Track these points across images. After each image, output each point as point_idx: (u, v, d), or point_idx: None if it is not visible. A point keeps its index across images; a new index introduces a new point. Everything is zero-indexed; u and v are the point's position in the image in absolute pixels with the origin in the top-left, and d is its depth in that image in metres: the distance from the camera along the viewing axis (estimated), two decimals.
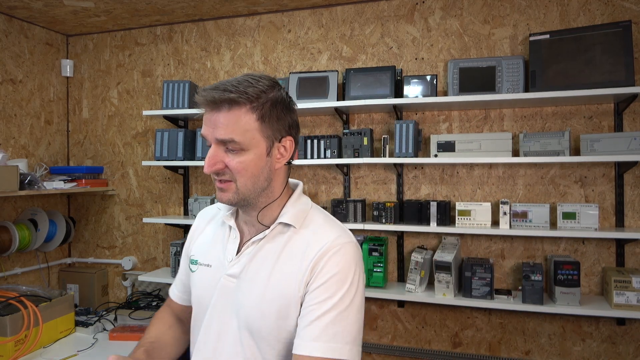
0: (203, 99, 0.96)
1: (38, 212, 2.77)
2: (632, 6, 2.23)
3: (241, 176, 0.97)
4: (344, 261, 0.97)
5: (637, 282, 2.01)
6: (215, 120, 0.96)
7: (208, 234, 1.16)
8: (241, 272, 1.03)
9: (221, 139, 0.95)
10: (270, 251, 1.02)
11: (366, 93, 2.45)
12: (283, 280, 0.99)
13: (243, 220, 1.09)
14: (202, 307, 1.08)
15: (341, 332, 0.93)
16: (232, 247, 1.07)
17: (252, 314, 0.99)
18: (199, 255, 1.14)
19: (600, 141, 2.12)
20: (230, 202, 1.00)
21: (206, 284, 1.08)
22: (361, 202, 2.47)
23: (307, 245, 1.00)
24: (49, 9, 2.71)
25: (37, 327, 2.12)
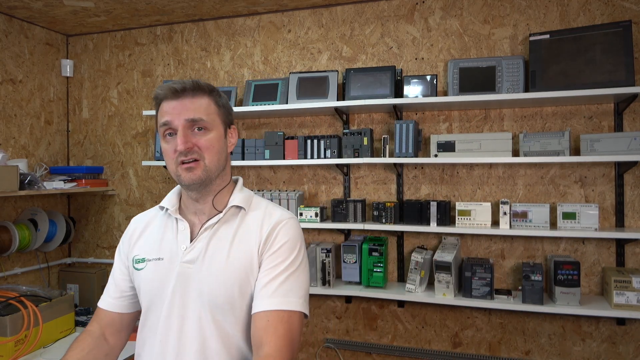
0: (168, 90, 1.10)
1: (38, 212, 2.77)
2: (632, 6, 2.23)
3: (209, 153, 1.11)
4: (292, 232, 1.13)
5: (637, 282, 2.01)
6: (183, 105, 1.09)
7: (152, 233, 1.23)
8: (198, 257, 1.12)
9: (191, 118, 1.09)
10: (225, 232, 1.14)
11: (366, 93, 2.45)
12: (242, 255, 1.11)
13: (192, 212, 1.19)
14: (158, 299, 1.14)
15: (293, 289, 1.07)
16: (184, 237, 1.16)
17: (215, 291, 1.09)
18: (146, 252, 1.20)
19: (600, 141, 2.12)
20: (199, 179, 1.10)
21: (161, 276, 1.15)
22: (361, 202, 2.46)
23: (261, 221, 1.14)
24: (49, 9, 2.71)
25: (37, 327, 2.12)
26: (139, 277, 1.19)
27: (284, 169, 2.75)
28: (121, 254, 1.26)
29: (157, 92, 1.12)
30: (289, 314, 1.04)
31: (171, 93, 1.10)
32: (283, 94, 2.61)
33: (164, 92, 1.11)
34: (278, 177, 2.77)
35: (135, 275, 1.20)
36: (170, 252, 1.16)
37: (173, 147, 1.10)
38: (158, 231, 1.22)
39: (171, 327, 1.11)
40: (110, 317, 1.24)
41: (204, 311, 1.09)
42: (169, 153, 1.11)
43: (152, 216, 1.27)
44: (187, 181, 1.10)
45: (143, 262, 1.19)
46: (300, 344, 2.69)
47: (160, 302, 1.14)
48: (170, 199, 1.23)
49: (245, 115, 2.73)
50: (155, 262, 1.17)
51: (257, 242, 1.12)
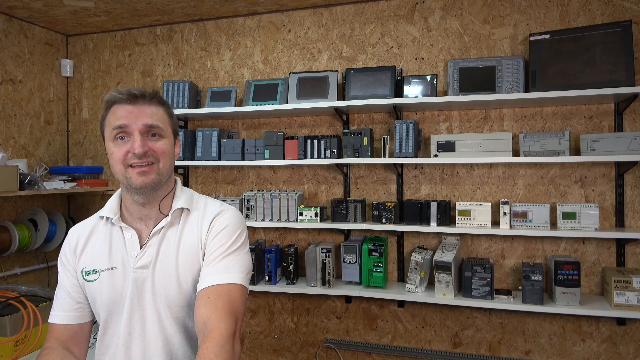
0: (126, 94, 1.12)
1: (38, 212, 2.77)
2: (632, 6, 2.22)
3: (163, 157, 1.14)
4: (230, 219, 1.19)
5: (637, 282, 2.01)
6: (140, 111, 1.12)
7: (98, 243, 1.22)
8: (150, 262, 1.16)
9: (149, 124, 1.12)
10: (172, 235, 1.18)
11: (366, 93, 2.45)
12: (188, 254, 1.16)
13: (137, 218, 1.20)
14: (116, 306, 1.17)
15: (233, 266, 1.12)
16: (133, 244, 1.18)
17: (171, 292, 1.14)
18: (96, 264, 1.19)
19: (600, 141, 2.12)
20: (152, 182, 1.12)
21: (116, 284, 1.17)
22: (361, 202, 2.46)
23: (202, 217, 1.19)
24: (49, 9, 2.70)
25: (37, 327, 2.12)
26: (92, 288, 1.18)
27: (284, 169, 2.75)
28: (67, 267, 1.23)
29: (113, 94, 1.13)
30: (228, 287, 1.08)
31: (128, 97, 1.12)
32: (283, 94, 2.60)
33: (120, 96, 1.12)
34: (278, 177, 2.77)
35: (87, 287, 1.20)
36: (122, 260, 1.17)
37: (124, 150, 1.10)
38: (104, 241, 1.21)
39: (133, 330, 1.15)
40: (70, 330, 1.22)
41: (163, 311, 1.14)
42: (118, 156, 1.11)
43: (93, 226, 1.25)
44: (139, 184, 1.11)
45: (95, 273, 1.19)
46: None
47: (119, 308, 1.16)
48: (111, 208, 1.23)
49: (245, 115, 2.73)
50: (109, 272, 1.17)
51: (198, 237, 1.17)
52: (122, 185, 1.18)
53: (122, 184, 1.18)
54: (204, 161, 2.67)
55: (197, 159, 2.70)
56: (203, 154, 2.68)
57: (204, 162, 2.65)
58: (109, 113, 1.14)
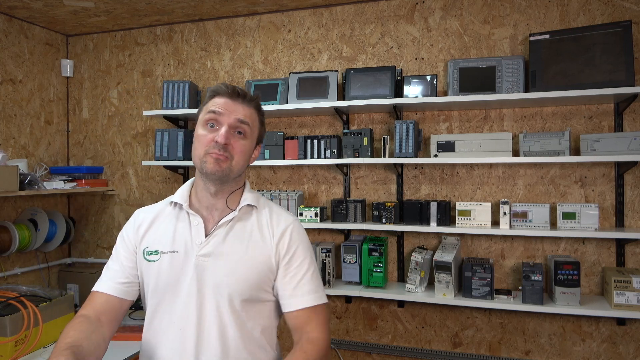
0: (229, 88, 1.20)
1: (38, 212, 2.77)
2: (632, 6, 2.23)
3: (239, 156, 1.20)
4: (302, 234, 1.28)
5: (637, 282, 2.01)
6: (236, 107, 1.20)
7: (164, 226, 1.26)
8: (214, 251, 1.20)
9: (240, 119, 1.19)
10: (241, 230, 1.24)
11: (366, 93, 2.45)
12: (259, 254, 1.22)
13: (204, 207, 1.25)
14: (173, 289, 1.20)
15: (318, 285, 1.25)
16: (198, 232, 1.23)
17: (234, 285, 1.18)
18: (159, 245, 1.24)
19: (600, 141, 2.12)
20: (221, 172, 1.17)
21: (176, 268, 1.20)
22: (361, 202, 2.46)
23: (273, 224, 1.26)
24: (49, 9, 2.70)
25: (37, 327, 2.12)
26: (151, 269, 1.22)
27: (284, 169, 2.75)
28: (127, 243, 1.27)
29: (219, 86, 1.21)
30: (321, 306, 1.23)
31: (230, 92, 1.20)
32: (283, 94, 2.61)
33: (223, 89, 1.20)
34: (278, 177, 2.77)
35: (145, 267, 1.24)
36: (185, 245, 1.22)
37: (210, 137, 1.17)
38: (169, 224, 1.26)
39: (190, 315, 1.18)
40: (110, 302, 1.23)
41: (222, 301, 1.18)
42: (203, 140, 1.18)
43: (160, 210, 1.30)
44: (210, 169, 1.17)
45: (156, 254, 1.23)
46: None
47: (175, 292, 1.20)
48: (182, 195, 1.28)
49: None
50: (170, 255, 1.21)
51: (271, 244, 1.24)
52: (197, 170, 1.23)
53: (197, 169, 1.22)
54: None
55: None
56: None
57: None
58: (209, 101, 1.22)
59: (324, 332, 1.20)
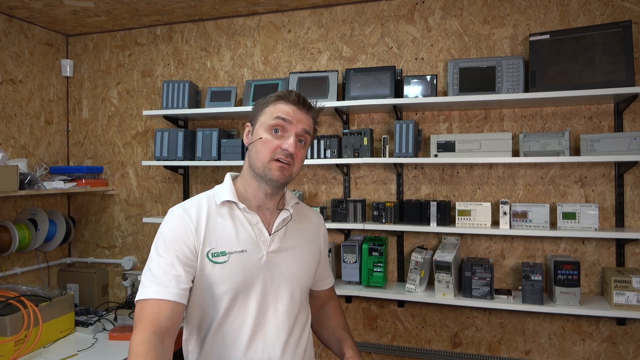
0: (294, 95, 1.24)
1: (38, 212, 2.77)
2: (632, 6, 2.23)
3: (299, 164, 1.27)
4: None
5: (637, 282, 2.01)
6: (303, 116, 1.25)
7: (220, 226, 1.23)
8: (280, 247, 1.29)
9: (306, 130, 1.25)
10: (293, 225, 1.35)
11: (366, 93, 2.45)
12: (312, 244, 1.39)
13: (256, 205, 1.29)
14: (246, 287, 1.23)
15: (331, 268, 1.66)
16: (261, 230, 1.28)
17: (301, 275, 1.32)
18: (224, 246, 1.22)
19: (600, 141, 2.12)
20: (284, 179, 1.23)
21: (247, 266, 1.23)
22: (361, 202, 2.46)
23: (315, 219, 1.44)
24: (49, 9, 2.71)
25: (37, 327, 2.12)
26: (219, 270, 1.18)
27: None
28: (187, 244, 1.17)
29: (284, 93, 1.25)
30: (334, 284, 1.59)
31: (297, 100, 1.23)
32: None
33: (292, 97, 1.24)
34: None
35: (210, 269, 1.18)
36: (251, 244, 1.25)
37: (278, 143, 1.21)
38: (225, 224, 1.24)
39: (267, 309, 1.25)
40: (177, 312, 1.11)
41: (293, 292, 1.29)
42: (270, 145, 1.20)
43: (207, 208, 1.24)
44: (275, 177, 1.21)
45: (224, 255, 1.21)
46: None
47: (248, 292, 1.23)
48: (233, 194, 1.26)
49: (245, 115, 2.73)
50: (239, 255, 1.22)
51: (319, 238, 1.43)
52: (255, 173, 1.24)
53: (255, 173, 1.24)
54: (203, 161, 2.67)
55: (197, 159, 2.70)
56: (203, 154, 2.68)
57: (204, 162, 2.65)
58: (274, 105, 1.24)
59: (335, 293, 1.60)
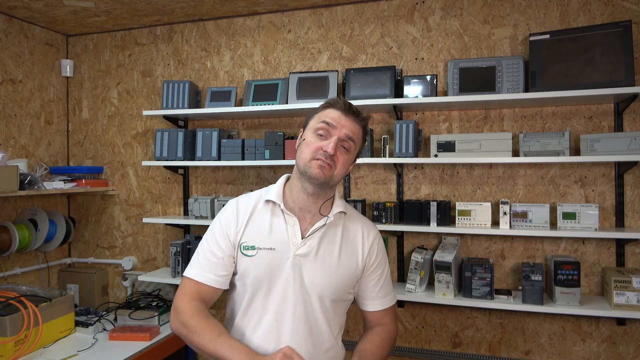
0: (343, 103, 1.30)
1: (38, 212, 2.77)
2: (632, 6, 2.23)
3: (341, 167, 1.29)
4: (383, 244, 1.46)
5: (637, 282, 2.01)
6: (348, 122, 1.29)
7: (259, 221, 1.34)
8: (310, 252, 1.30)
9: (349, 135, 1.29)
10: (333, 235, 1.35)
11: (366, 93, 2.45)
12: (349, 259, 1.36)
13: (298, 208, 1.34)
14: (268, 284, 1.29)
15: (391, 288, 1.48)
16: (295, 232, 1.31)
17: (326, 284, 1.31)
18: (255, 240, 1.32)
19: (600, 141, 2.12)
20: (323, 178, 1.26)
21: (272, 264, 1.29)
22: (361, 202, 2.46)
23: (362, 234, 1.40)
24: (49, 9, 2.71)
25: (37, 327, 2.12)
26: (248, 263, 1.31)
27: (284, 169, 2.75)
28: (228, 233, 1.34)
29: (335, 100, 1.31)
30: (393, 305, 1.48)
31: (344, 107, 1.29)
32: (283, 94, 2.61)
33: (338, 103, 1.30)
34: (278, 177, 2.74)
35: (242, 260, 1.32)
36: (282, 243, 1.30)
37: (319, 145, 1.26)
38: (264, 220, 1.34)
39: (285, 310, 1.29)
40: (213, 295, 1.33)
41: (314, 299, 1.30)
42: (312, 146, 1.27)
43: (255, 205, 1.37)
44: (314, 174, 1.26)
45: (253, 250, 1.31)
46: None
47: (270, 287, 1.29)
48: (278, 194, 1.35)
49: (245, 115, 2.73)
50: (266, 251, 1.30)
51: (362, 252, 1.38)
52: (299, 172, 1.31)
53: (299, 171, 1.31)
54: (204, 161, 2.67)
55: (197, 159, 2.70)
56: (203, 154, 2.68)
57: (204, 162, 2.65)
58: (324, 111, 1.31)
59: (394, 322, 1.46)
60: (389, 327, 1.44)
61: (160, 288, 2.84)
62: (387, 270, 1.46)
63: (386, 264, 1.46)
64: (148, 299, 2.70)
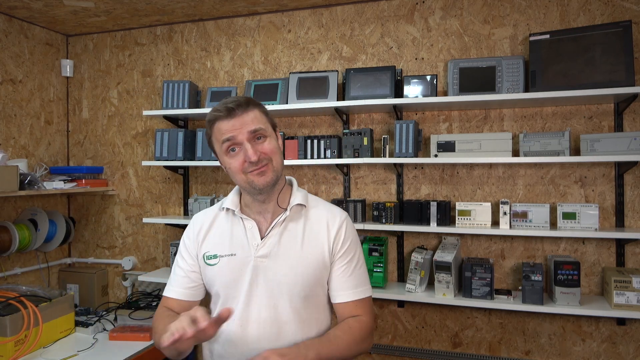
0: (224, 110, 1.21)
1: (38, 212, 2.77)
2: (632, 6, 2.23)
3: (274, 155, 1.24)
4: (353, 229, 1.36)
5: (637, 282, 2.01)
6: (242, 120, 1.21)
7: (220, 231, 1.34)
8: (271, 252, 1.27)
9: (253, 129, 1.21)
10: (294, 228, 1.30)
11: (366, 93, 2.45)
12: (314, 250, 1.28)
13: (256, 212, 1.31)
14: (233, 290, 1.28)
15: (366, 278, 1.35)
16: (254, 234, 1.29)
17: (293, 282, 1.25)
18: (217, 249, 1.32)
19: (600, 141, 2.12)
20: (272, 181, 1.23)
21: (235, 269, 1.28)
22: (361, 202, 2.46)
23: (326, 220, 1.31)
24: (49, 9, 2.71)
25: (37, 327, 2.12)
26: (212, 272, 1.31)
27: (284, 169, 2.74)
28: (188, 249, 1.37)
29: (213, 114, 1.22)
30: (367, 298, 1.34)
31: (227, 112, 1.20)
32: (283, 94, 2.61)
33: (219, 113, 1.21)
34: None
35: (206, 270, 1.33)
36: (242, 248, 1.29)
37: (241, 159, 1.21)
38: (225, 229, 1.34)
39: (250, 314, 1.26)
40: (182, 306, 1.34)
41: (282, 300, 1.25)
42: (236, 165, 1.22)
43: (215, 215, 1.38)
44: (261, 185, 1.22)
45: (215, 258, 1.31)
46: None
47: (236, 292, 1.28)
48: (233, 201, 1.34)
49: None
50: (228, 258, 1.30)
51: (327, 240, 1.30)
52: (244, 190, 1.28)
53: (244, 189, 1.28)
54: (204, 161, 2.67)
55: (197, 159, 2.70)
56: (203, 154, 2.68)
57: (204, 162, 2.65)
58: (213, 130, 1.24)
59: (368, 315, 1.32)
60: (362, 319, 1.29)
61: (160, 288, 2.84)
62: (358, 258, 1.33)
63: (357, 251, 1.34)
64: (148, 299, 2.70)
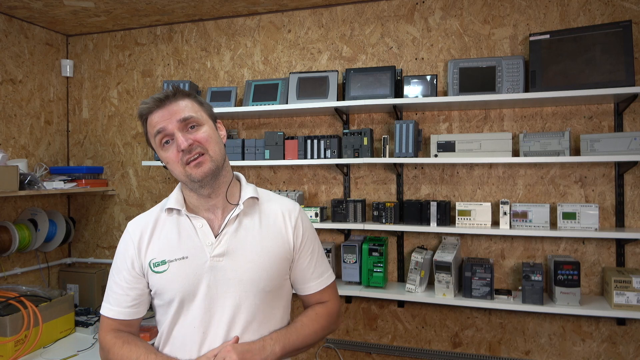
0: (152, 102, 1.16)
1: (38, 212, 2.77)
2: (632, 6, 2.23)
3: (209, 144, 1.16)
4: (308, 219, 1.33)
5: (637, 282, 2.01)
6: (170, 111, 1.16)
7: (165, 234, 1.23)
8: (228, 249, 1.19)
9: (182, 117, 1.15)
10: (250, 223, 1.23)
11: (366, 93, 2.45)
12: (274, 243, 1.23)
13: (204, 209, 1.23)
14: (190, 295, 1.18)
15: (327, 265, 1.35)
16: (206, 233, 1.20)
17: (257, 277, 1.19)
18: (164, 254, 1.20)
19: (600, 141, 2.12)
20: (210, 171, 1.15)
21: (189, 273, 1.18)
22: (361, 202, 2.46)
23: (282, 213, 1.27)
24: (49, 9, 2.71)
25: (37, 327, 2.12)
26: (161, 279, 1.19)
27: (284, 169, 2.75)
28: (126, 262, 1.23)
29: (141, 107, 1.18)
30: (332, 283, 1.34)
31: (155, 104, 1.16)
32: (283, 94, 2.61)
33: (148, 106, 1.17)
34: (278, 177, 2.77)
35: (154, 278, 1.20)
36: (194, 249, 1.19)
37: (175, 150, 1.15)
38: (171, 231, 1.22)
39: (212, 318, 1.17)
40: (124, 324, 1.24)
41: (244, 298, 1.18)
42: (172, 158, 1.16)
43: (155, 218, 1.26)
44: (199, 176, 1.14)
45: (164, 264, 1.19)
46: None
47: (193, 297, 1.18)
48: (177, 200, 1.25)
49: (245, 115, 2.73)
50: (179, 262, 1.19)
51: (286, 232, 1.25)
52: (186, 184, 1.21)
53: (185, 184, 1.21)
54: None
55: None
56: None
57: None
58: (147, 126, 1.19)
59: (335, 299, 1.33)
60: (328, 304, 1.31)
61: None
62: (318, 247, 1.32)
63: (316, 241, 1.32)
64: None
